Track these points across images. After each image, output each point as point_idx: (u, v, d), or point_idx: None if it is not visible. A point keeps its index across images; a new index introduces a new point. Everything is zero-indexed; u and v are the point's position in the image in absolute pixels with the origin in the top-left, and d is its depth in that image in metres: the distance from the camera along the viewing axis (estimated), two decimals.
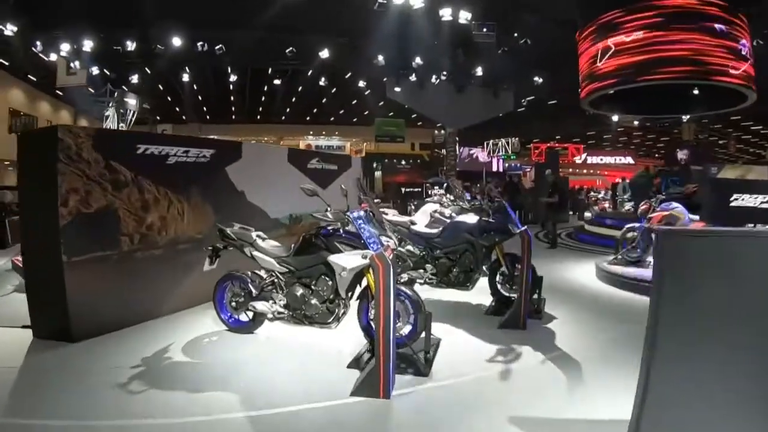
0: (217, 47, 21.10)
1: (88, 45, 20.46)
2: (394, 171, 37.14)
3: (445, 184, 12.78)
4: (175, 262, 7.31)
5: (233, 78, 26.50)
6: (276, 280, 5.98)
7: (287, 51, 21.17)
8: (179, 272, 7.32)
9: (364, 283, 5.43)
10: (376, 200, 10.20)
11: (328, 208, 5.52)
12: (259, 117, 42.15)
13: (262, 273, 6.16)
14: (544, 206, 15.94)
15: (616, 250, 10.48)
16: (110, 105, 23.27)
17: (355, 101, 35.21)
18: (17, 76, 27.21)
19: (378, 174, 36.45)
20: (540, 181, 22.13)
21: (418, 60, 22.52)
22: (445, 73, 23.95)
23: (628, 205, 21.12)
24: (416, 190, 22.41)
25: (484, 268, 7.55)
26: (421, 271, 7.67)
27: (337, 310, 5.59)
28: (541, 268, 7.65)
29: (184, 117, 38.72)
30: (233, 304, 6.28)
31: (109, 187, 6.51)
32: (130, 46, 21.00)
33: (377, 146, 39.29)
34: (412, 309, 5.46)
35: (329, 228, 5.58)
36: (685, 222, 10.31)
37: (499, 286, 7.62)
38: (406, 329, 5.48)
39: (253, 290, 6.05)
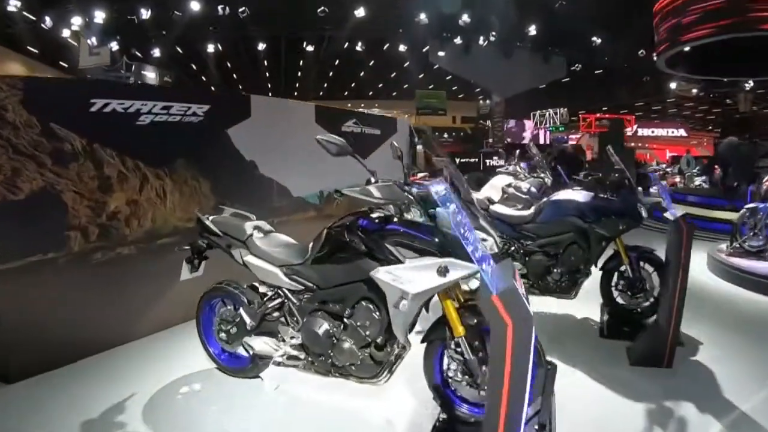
0: (240, 10, 18.78)
1: (99, 17, 18.61)
2: (438, 145, 34.70)
3: (517, 151, 10.60)
4: (153, 264, 5.13)
5: (262, 47, 24.16)
6: (286, 302, 3.73)
7: (319, 11, 18.75)
8: (161, 277, 5.18)
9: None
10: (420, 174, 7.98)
11: (373, 179, 3.14)
12: (296, 93, 38.86)
13: (264, 289, 3.90)
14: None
15: (733, 237, 8.02)
16: (128, 79, 21.30)
17: (394, 74, 33.17)
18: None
19: (420, 148, 33.94)
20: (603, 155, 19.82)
21: (464, 18, 19.81)
22: (493, 33, 21.34)
23: (698, 180, 18.89)
24: (472, 160, 19.94)
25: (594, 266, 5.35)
26: None
27: (387, 359, 3.28)
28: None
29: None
30: (222, 335, 4.07)
31: (49, 162, 4.38)
32: (145, 14, 18.97)
33: (417, 119, 37.09)
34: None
35: (374, 216, 3.20)
36: None
37: (615, 293, 5.36)
38: None
39: (248, 319, 3.80)
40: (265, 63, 28.76)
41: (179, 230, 5.32)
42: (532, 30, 21.37)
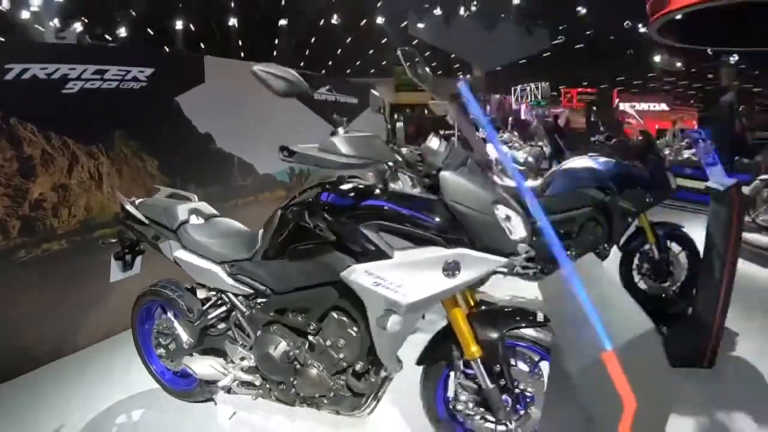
0: None
1: None
2: (417, 120, 34.11)
3: (510, 119, 9.71)
4: (90, 260, 4.21)
5: (234, 22, 23.12)
6: (233, 311, 2.78)
7: None
8: (99, 276, 4.11)
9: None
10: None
11: (341, 129, 2.09)
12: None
13: (205, 293, 2.94)
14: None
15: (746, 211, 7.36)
16: None
17: (371, 50, 32.20)
18: None
19: (400, 125, 33.34)
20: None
21: None
22: (475, 4, 20.48)
23: (687, 153, 18.30)
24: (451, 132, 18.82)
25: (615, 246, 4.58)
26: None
27: (370, 391, 2.41)
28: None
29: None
30: (161, 351, 3.21)
31: None
32: None
33: (396, 97, 36.35)
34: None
35: (345, 188, 2.21)
36: None
37: (637, 278, 4.61)
38: (535, 416, 2.25)
39: (184, 335, 3.00)
40: (240, 43, 27.76)
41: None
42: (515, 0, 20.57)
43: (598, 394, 1.14)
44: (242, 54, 35.05)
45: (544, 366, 2.18)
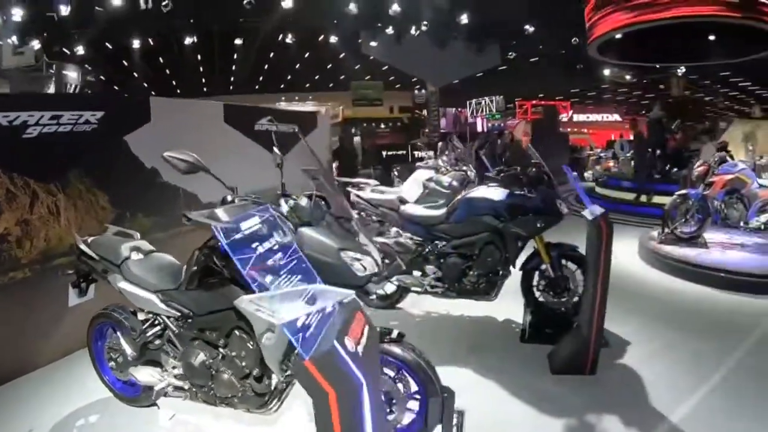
0: (164, 3, 18.01)
1: (18, 14, 17.25)
2: (374, 135, 34.39)
3: (440, 144, 10.26)
4: (50, 287, 4.77)
5: (191, 41, 23.33)
6: (167, 330, 3.45)
7: (245, 2, 18.15)
8: (59, 300, 4.81)
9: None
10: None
11: (230, 196, 3.04)
12: (231, 88, 38.40)
13: (144, 316, 3.64)
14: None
15: (664, 223, 7.98)
16: (51, 80, 20.01)
17: (330, 65, 32.66)
18: None
19: (357, 139, 33.67)
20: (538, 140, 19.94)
21: (395, 7, 19.44)
22: (425, 23, 21.11)
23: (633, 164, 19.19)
24: (400, 153, 19.21)
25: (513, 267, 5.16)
26: (418, 274, 5.26)
27: (269, 390, 3.04)
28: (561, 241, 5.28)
29: (153, 93, 35.54)
30: (112, 363, 3.87)
31: None
32: (65, 10, 17.54)
33: (355, 111, 36.65)
34: (419, 388, 3.03)
35: (228, 235, 2.60)
36: (754, 188, 7.99)
37: (537, 294, 5.20)
38: (407, 418, 3.08)
39: (128, 349, 3.60)
40: (199, 57, 27.90)
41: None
42: (464, 19, 21.16)
43: None
44: (203, 80, 35.38)
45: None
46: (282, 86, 39.72)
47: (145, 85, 33.50)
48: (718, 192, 8.07)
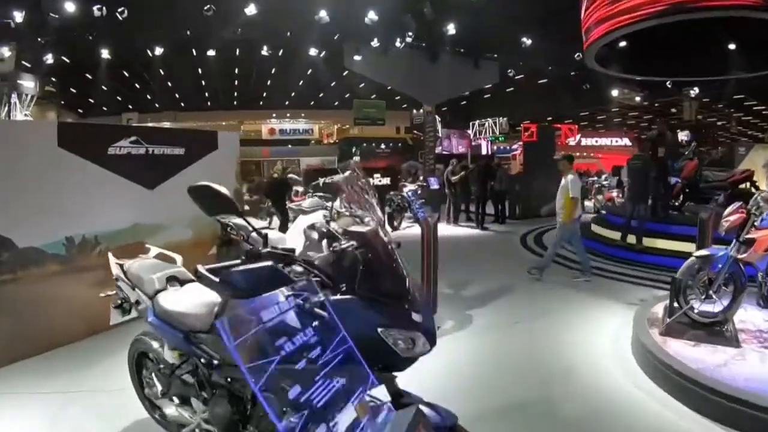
0: (120, 10, 15.51)
1: None
2: (373, 156, 32.96)
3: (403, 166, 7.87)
4: None
5: (161, 51, 20.90)
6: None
7: (205, 9, 15.51)
8: None
9: None
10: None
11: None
12: (235, 103, 37.45)
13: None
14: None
15: (673, 300, 5.09)
16: (9, 91, 19.17)
17: (333, 83, 30.58)
18: None
19: (356, 159, 31.52)
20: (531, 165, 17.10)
21: (371, 16, 16.64)
22: (409, 34, 18.31)
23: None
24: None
25: None
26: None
27: None
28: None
29: (156, 105, 33.87)
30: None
31: None
32: (19, 17, 15.89)
33: (361, 130, 34.55)
34: None
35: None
36: None
37: None
38: None
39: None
40: (168, 71, 25.73)
41: None
42: (451, 29, 18.47)
43: None
44: (176, 96, 33.19)
45: None
46: (287, 103, 38.11)
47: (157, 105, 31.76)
48: (763, 256, 5.02)
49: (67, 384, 4.52)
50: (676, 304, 5.03)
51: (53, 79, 21.49)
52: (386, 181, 11.40)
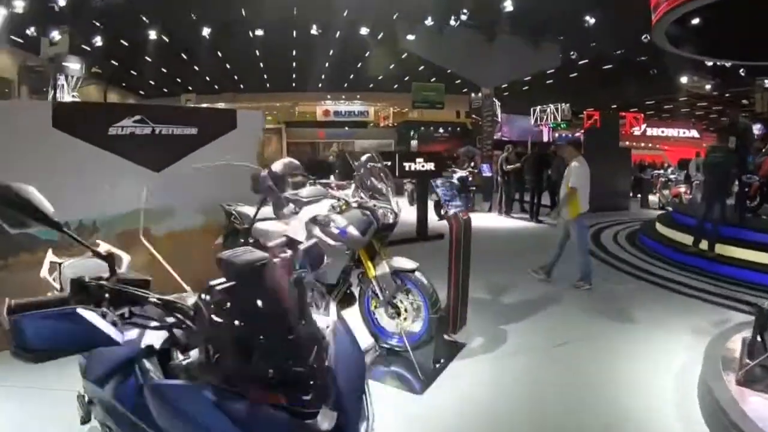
0: None
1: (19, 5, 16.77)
2: (431, 140, 32.79)
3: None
4: None
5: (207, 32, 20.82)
6: None
7: None
8: None
9: None
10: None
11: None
12: (294, 85, 37.53)
13: None
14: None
15: (758, 331, 4.00)
16: (58, 73, 19.46)
17: (392, 65, 30.54)
18: None
19: (414, 143, 32.05)
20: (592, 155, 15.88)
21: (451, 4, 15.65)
22: (464, 11, 17.25)
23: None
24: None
25: None
26: None
27: None
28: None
29: (216, 86, 34.28)
30: None
31: None
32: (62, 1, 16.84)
33: (421, 114, 34.19)
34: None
35: None
36: None
37: None
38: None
39: None
40: (225, 53, 26.15)
41: None
42: (520, 11, 17.40)
43: None
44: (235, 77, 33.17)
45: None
46: (345, 85, 38.33)
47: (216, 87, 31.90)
48: None
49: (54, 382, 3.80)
50: (759, 339, 3.92)
51: (113, 62, 21.71)
52: (429, 166, 10.25)
